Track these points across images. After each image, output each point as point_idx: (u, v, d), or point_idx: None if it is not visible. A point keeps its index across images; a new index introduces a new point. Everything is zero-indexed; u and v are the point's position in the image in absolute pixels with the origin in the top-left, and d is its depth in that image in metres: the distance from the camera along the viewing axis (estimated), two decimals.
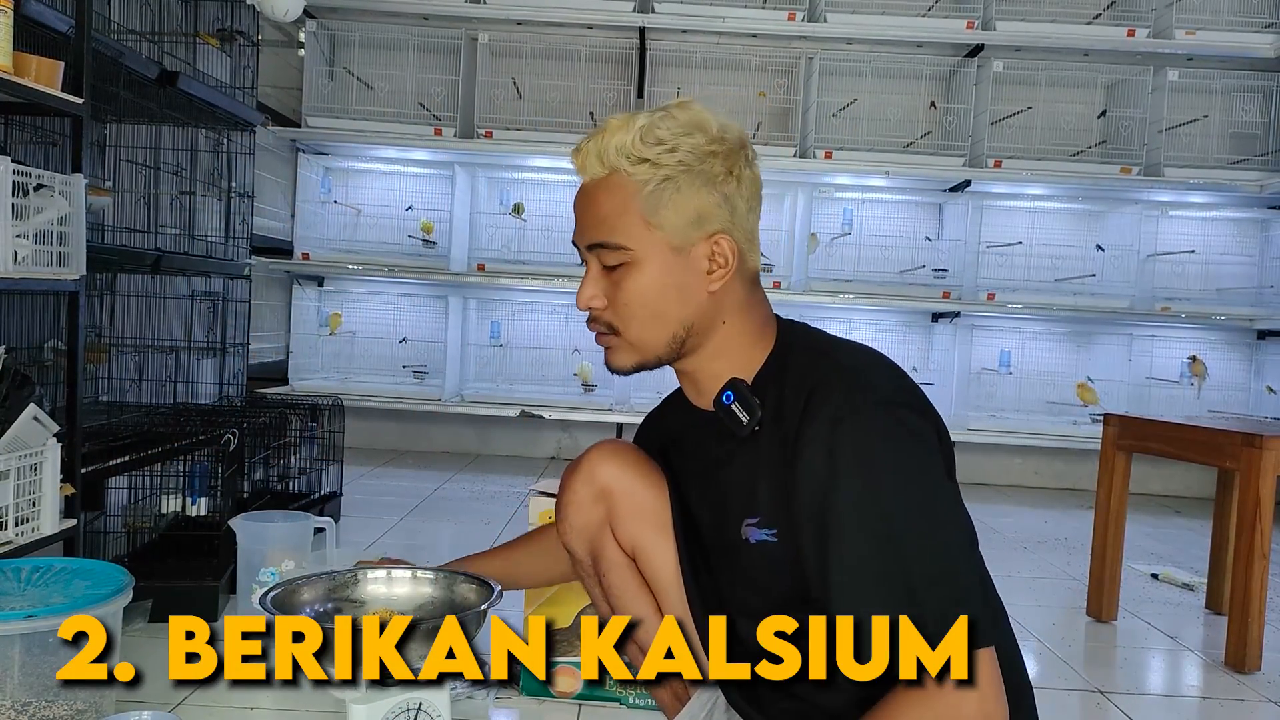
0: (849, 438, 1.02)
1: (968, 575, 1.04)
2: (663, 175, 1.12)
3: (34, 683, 1.42)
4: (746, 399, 1.14)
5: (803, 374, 1.11)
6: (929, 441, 1.07)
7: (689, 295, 1.15)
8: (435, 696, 1.40)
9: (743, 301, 1.18)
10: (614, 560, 1.34)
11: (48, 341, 2.40)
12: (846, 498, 1.02)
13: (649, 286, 1.14)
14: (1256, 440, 2.07)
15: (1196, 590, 2.77)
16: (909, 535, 1.00)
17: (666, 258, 1.14)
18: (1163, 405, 4.35)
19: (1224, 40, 4.08)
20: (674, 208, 1.12)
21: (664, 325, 1.16)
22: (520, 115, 4.37)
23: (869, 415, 1.03)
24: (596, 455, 1.37)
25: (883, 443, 1.02)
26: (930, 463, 1.06)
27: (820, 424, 1.04)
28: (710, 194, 1.13)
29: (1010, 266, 4.40)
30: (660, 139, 1.12)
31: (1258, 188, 4.10)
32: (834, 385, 1.06)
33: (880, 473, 1.01)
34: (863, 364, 1.12)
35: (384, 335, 4.51)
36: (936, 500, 1.04)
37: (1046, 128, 4.34)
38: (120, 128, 2.69)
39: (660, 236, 1.13)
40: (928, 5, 4.20)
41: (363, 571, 1.56)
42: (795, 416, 1.08)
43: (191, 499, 2.40)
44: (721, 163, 1.13)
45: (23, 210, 1.74)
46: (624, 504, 1.32)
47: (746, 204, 1.16)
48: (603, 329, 1.21)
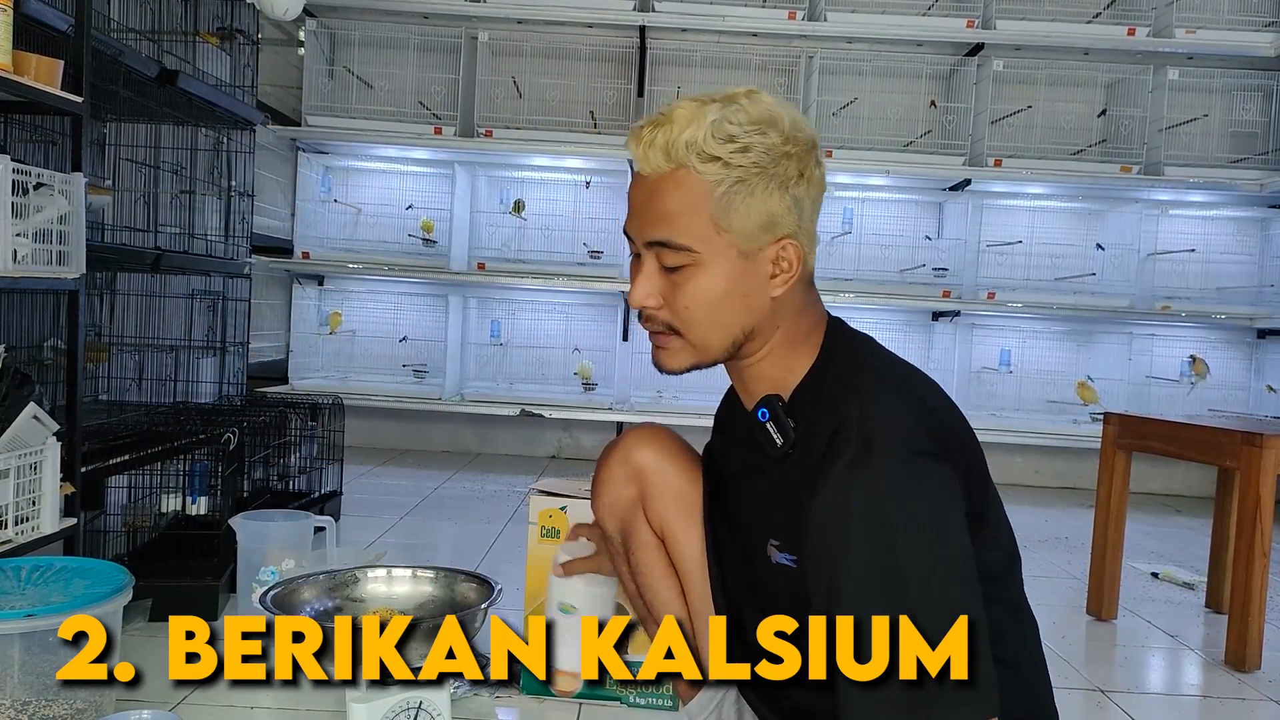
0: (861, 490, 0.98)
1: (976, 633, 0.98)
2: (736, 177, 1.06)
3: (34, 682, 1.42)
4: (781, 421, 1.12)
5: (830, 408, 1.08)
6: (945, 492, 1.02)
7: (752, 301, 1.11)
8: (435, 695, 1.40)
9: (799, 305, 1.15)
10: (644, 540, 1.36)
11: (47, 340, 2.40)
12: (856, 558, 0.97)
13: (713, 291, 1.10)
14: (1257, 439, 2.07)
15: (1197, 589, 2.77)
16: (916, 597, 0.96)
17: (733, 263, 1.09)
18: (1163, 404, 4.35)
19: (1224, 39, 4.08)
20: (745, 211, 1.07)
21: (726, 330, 1.12)
22: (520, 114, 4.36)
23: (886, 467, 0.99)
24: (634, 437, 1.37)
25: (900, 499, 0.98)
26: (946, 517, 1.01)
27: (839, 471, 1.00)
28: (782, 198, 1.08)
29: (1010, 265, 4.40)
30: (732, 136, 1.06)
31: (1258, 186, 4.09)
32: (854, 426, 1.02)
33: (890, 531, 0.97)
34: (887, 406, 1.06)
35: (384, 334, 4.51)
36: (948, 560, 0.99)
37: (1046, 127, 4.33)
38: (120, 126, 2.69)
39: (729, 240, 1.08)
40: (928, 4, 4.20)
41: (362, 570, 1.56)
42: (818, 454, 1.05)
43: (191, 498, 2.39)
44: (795, 164, 1.09)
45: (22, 209, 1.74)
46: (657, 486, 1.33)
47: (813, 205, 1.12)
48: (660, 329, 1.15)
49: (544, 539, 1.73)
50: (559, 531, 1.73)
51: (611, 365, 4.36)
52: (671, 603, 1.35)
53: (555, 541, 1.73)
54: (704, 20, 4.14)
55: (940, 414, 1.09)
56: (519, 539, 2.84)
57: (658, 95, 4.31)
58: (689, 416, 3.99)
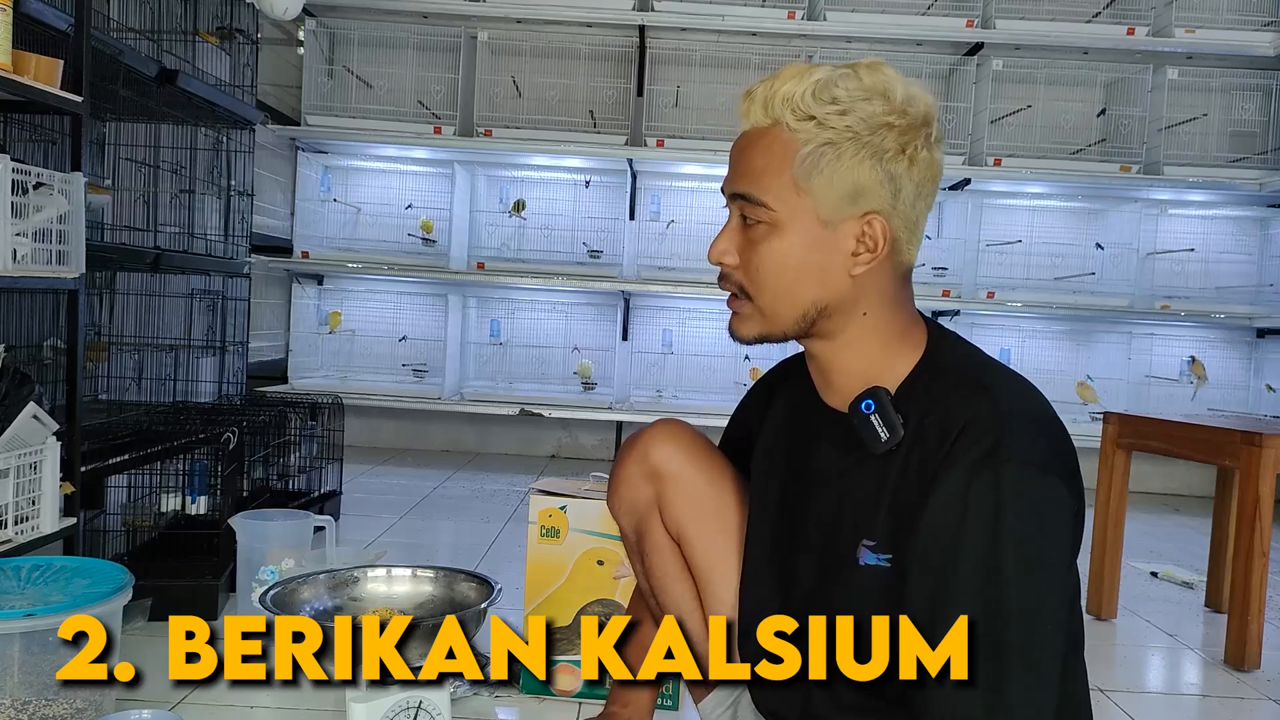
0: (989, 495, 0.95)
1: (1050, 668, 0.98)
2: (826, 138, 1.02)
3: (33, 681, 1.42)
4: (888, 414, 1.05)
5: (955, 403, 1.01)
6: (1066, 515, 0.98)
7: (828, 276, 1.05)
8: (435, 695, 1.40)
9: (890, 296, 1.08)
10: (658, 543, 1.32)
11: (47, 340, 2.40)
12: (967, 559, 0.96)
13: (787, 256, 1.05)
14: (1256, 438, 2.08)
15: (1196, 588, 2.77)
16: (1016, 611, 0.95)
17: (811, 229, 1.04)
18: (1162, 403, 4.35)
19: (1223, 38, 4.08)
20: (830, 176, 1.02)
21: (795, 302, 1.07)
22: (520, 113, 4.36)
23: (1015, 474, 0.95)
24: (652, 435, 1.32)
25: (1020, 509, 0.95)
26: (1061, 544, 0.98)
27: (962, 469, 0.96)
28: (874, 169, 1.02)
29: (1010, 265, 4.40)
30: (835, 98, 1.01)
31: (1257, 186, 4.10)
32: (986, 429, 0.97)
33: (1009, 543, 0.94)
34: (1022, 411, 1.01)
35: (383, 333, 4.51)
36: (1053, 588, 0.98)
37: (1046, 126, 4.34)
38: (120, 126, 2.69)
39: (809, 205, 1.03)
40: (927, 3, 4.20)
41: (362, 570, 1.56)
42: (937, 449, 0.99)
43: (191, 497, 2.39)
44: (896, 137, 1.02)
45: (22, 208, 1.74)
46: (674, 489, 1.29)
47: (915, 189, 1.05)
48: (734, 289, 1.11)
49: (544, 538, 1.73)
50: (559, 531, 1.73)
51: (611, 365, 4.36)
52: (685, 605, 1.33)
53: (555, 541, 1.73)
54: (703, 20, 4.13)
55: (1064, 434, 1.03)
56: (519, 538, 2.85)
57: (657, 95, 4.31)
58: (689, 416, 3.96)
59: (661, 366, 4.46)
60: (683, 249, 4.32)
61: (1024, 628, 0.94)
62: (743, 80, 4.37)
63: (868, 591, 1.06)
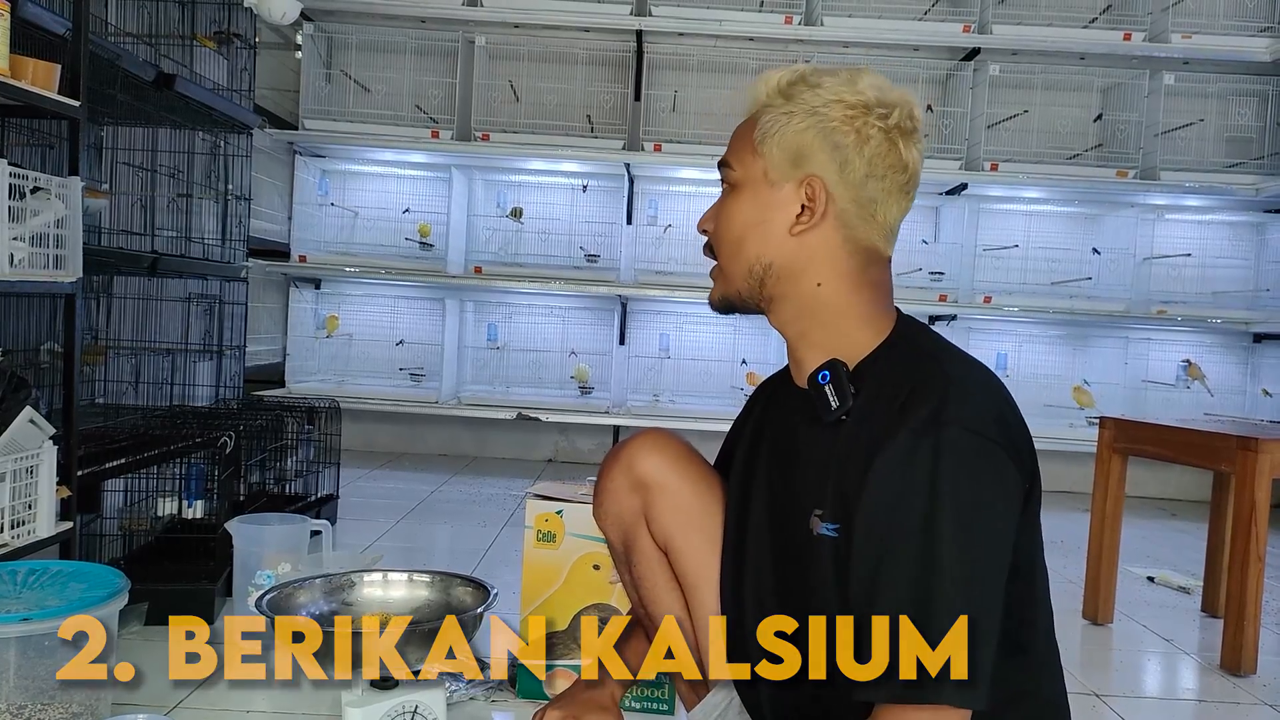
0: (929, 456, 0.97)
1: (984, 629, 0.98)
2: (785, 109, 1.11)
3: (29, 685, 1.42)
4: (842, 384, 1.09)
5: (905, 372, 1.06)
6: (1007, 486, 1.00)
7: (770, 231, 1.12)
8: (431, 698, 1.40)
9: (846, 272, 1.12)
10: (646, 552, 1.33)
11: (44, 344, 2.40)
12: (907, 519, 0.97)
13: (737, 212, 1.15)
14: (1252, 443, 2.08)
15: (1192, 593, 2.77)
16: (949, 570, 0.96)
17: (759, 187, 1.13)
18: (1159, 408, 4.35)
19: (1220, 44, 4.09)
20: (779, 139, 1.11)
21: (742, 257, 1.15)
22: (517, 118, 4.36)
23: (957, 438, 0.98)
24: (637, 445, 1.33)
25: (959, 472, 0.97)
26: (995, 508, 1.00)
27: (905, 433, 0.99)
28: (818, 136, 1.09)
29: (1007, 269, 4.40)
30: (806, 80, 1.11)
31: (1253, 191, 4.10)
32: (931, 394, 1.00)
33: (947, 503, 0.96)
34: (970, 382, 1.04)
35: (381, 337, 4.51)
36: (990, 553, 0.99)
37: (1043, 131, 4.35)
38: (117, 130, 2.69)
39: (760, 166, 1.12)
40: (924, 9, 4.21)
41: (359, 574, 1.56)
42: (884, 416, 1.03)
43: (188, 501, 2.39)
44: (843, 110, 1.09)
45: (19, 213, 1.74)
46: (660, 498, 1.30)
47: (867, 166, 1.09)
48: (710, 254, 1.21)
49: (540, 543, 1.73)
50: (555, 535, 1.73)
51: (608, 368, 4.36)
52: (674, 614, 1.34)
53: (551, 546, 1.73)
54: (701, 25, 4.14)
55: (1016, 415, 1.06)
56: (515, 543, 2.84)
57: (654, 99, 4.31)
58: (686, 420, 4.00)
59: (659, 371, 4.47)
60: (680, 253, 4.32)
61: (959, 586, 0.96)
62: (740, 85, 4.37)
63: (824, 564, 1.08)
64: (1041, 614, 1.12)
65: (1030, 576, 1.08)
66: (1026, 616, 1.07)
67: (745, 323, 4.47)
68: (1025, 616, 1.07)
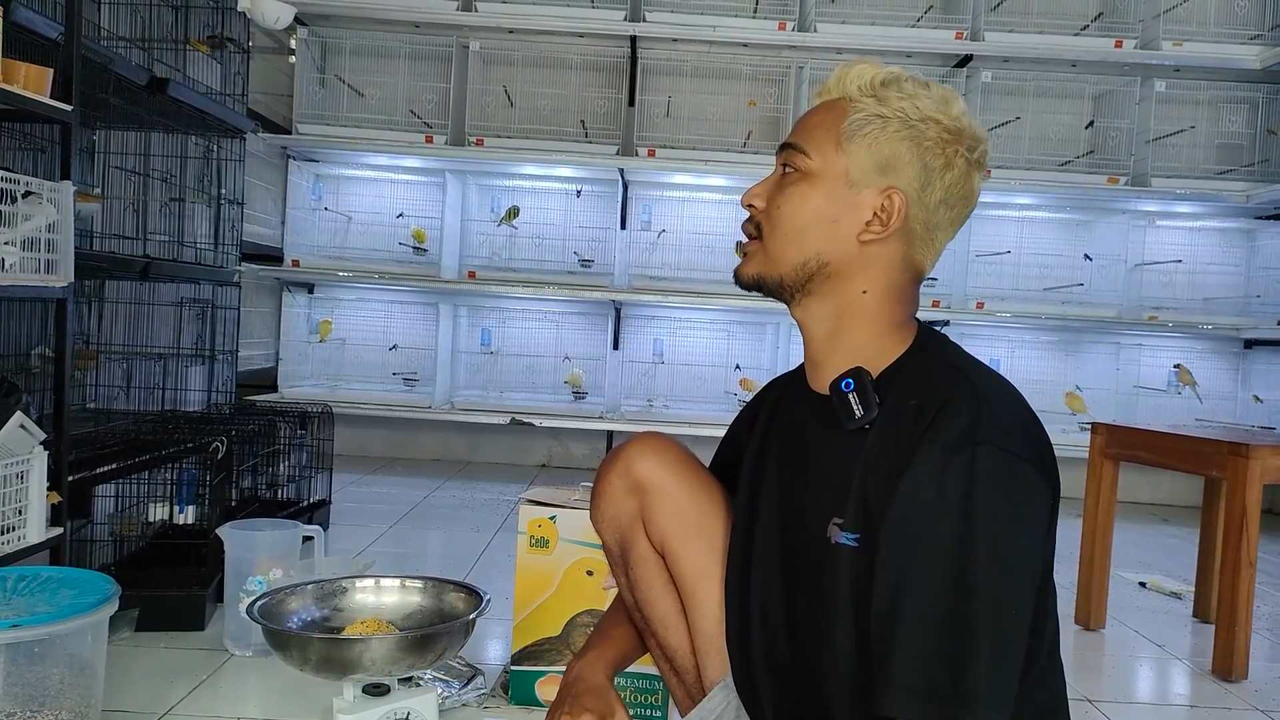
0: (962, 474, 0.96)
1: (1015, 652, 0.98)
2: (878, 111, 1.09)
3: (18, 692, 1.41)
4: (867, 392, 1.08)
5: (932, 385, 1.05)
6: (1039, 505, 1.00)
7: (838, 231, 1.11)
8: (423, 704, 1.40)
9: (892, 287, 1.12)
10: (643, 555, 1.33)
11: (35, 348, 2.39)
12: (939, 535, 0.97)
13: (806, 200, 1.12)
14: (1243, 449, 2.09)
15: (1184, 598, 2.78)
16: (984, 590, 0.95)
17: (837, 185, 1.10)
18: (1150, 414, 4.37)
19: (1211, 52, 4.11)
20: (870, 143, 1.09)
21: (801, 247, 1.12)
22: (511, 123, 4.37)
23: (989, 456, 0.97)
24: (635, 448, 1.33)
25: (993, 491, 0.96)
26: (1032, 527, 0.99)
27: (937, 448, 0.98)
28: (911, 150, 1.09)
29: (999, 275, 4.42)
30: (900, 86, 1.10)
31: (1244, 198, 4.12)
32: (963, 411, 0.99)
33: (980, 521, 0.95)
34: (1000, 399, 1.03)
35: (374, 342, 4.50)
36: (1022, 573, 0.98)
37: (1035, 138, 4.36)
38: (110, 134, 2.69)
39: (843, 163, 1.10)
40: (917, 16, 4.22)
41: (351, 580, 1.56)
42: (913, 428, 1.02)
43: (179, 507, 2.39)
44: (939, 133, 1.09)
45: (11, 217, 1.74)
46: (658, 501, 1.30)
47: (944, 193, 1.10)
48: (751, 230, 1.18)
49: (533, 548, 1.73)
50: (548, 541, 1.73)
51: (602, 374, 4.36)
52: (670, 617, 1.34)
53: (544, 551, 1.73)
54: (694, 30, 4.15)
55: (1041, 431, 1.06)
56: (508, 548, 2.84)
57: (649, 105, 4.32)
58: (680, 425, 3.99)
59: (652, 376, 4.47)
60: (674, 258, 4.33)
61: (991, 607, 0.95)
62: (734, 90, 4.39)
63: (839, 573, 1.07)
64: (1050, 626, 1.11)
65: (1045, 589, 1.08)
66: (1036, 628, 1.06)
67: (739, 328, 4.48)
68: (1035, 628, 1.06)
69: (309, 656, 1.34)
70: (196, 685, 1.76)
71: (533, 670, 1.75)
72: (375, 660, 1.33)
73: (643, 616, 1.37)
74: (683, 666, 1.37)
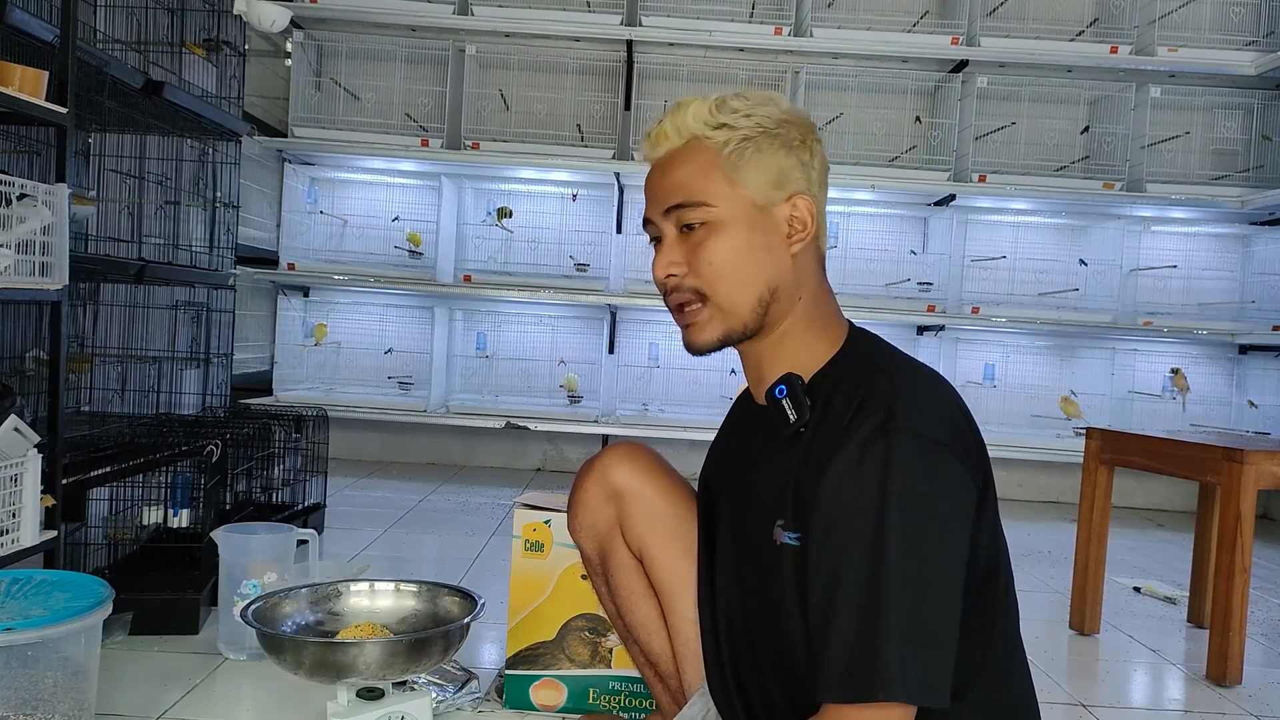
0: (878, 463, 0.99)
1: (938, 634, 0.99)
2: (741, 136, 1.12)
3: (12, 696, 1.41)
4: (799, 397, 1.11)
5: (857, 384, 1.07)
6: (958, 489, 1.02)
7: (774, 255, 1.13)
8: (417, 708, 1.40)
9: (816, 283, 1.17)
10: (622, 561, 1.36)
11: (29, 351, 2.39)
12: (856, 527, 0.99)
13: (735, 244, 1.12)
14: (1238, 454, 2.09)
15: (1178, 603, 2.78)
16: (897, 577, 0.97)
17: (751, 215, 1.12)
18: (1145, 419, 4.38)
19: (1206, 57, 4.13)
20: (755, 166, 1.12)
21: (751, 286, 1.13)
22: (507, 127, 4.37)
23: (903, 445, 0.99)
24: (611, 456, 1.36)
25: (907, 479, 0.98)
26: (950, 513, 1.01)
27: (855, 442, 1.01)
28: (789, 156, 1.13)
29: (994, 280, 4.42)
30: (735, 108, 1.14)
31: (1239, 203, 4.14)
32: (881, 404, 1.02)
33: (894, 510, 0.98)
34: (919, 390, 1.06)
35: (369, 346, 4.50)
36: (940, 558, 0.99)
37: (1030, 143, 4.37)
38: (105, 137, 2.68)
39: (744, 195, 1.12)
40: (913, 21, 4.24)
41: (345, 584, 1.55)
42: (838, 427, 1.04)
43: (174, 510, 2.38)
44: (796, 130, 1.14)
45: (5, 220, 1.73)
46: (634, 507, 1.32)
47: (820, 177, 1.17)
48: (687, 297, 1.15)
49: (528, 553, 1.73)
50: (543, 545, 1.73)
51: (597, 378, 4.36)
52: (651, 623, 1.35)
53: (539, 555, 1.73)
54: (691, 35, 4.15)
55: (966, 419, 1.09)
56: (503, 552, 2.84)
57: (645, 109, 4.32)
58: (674, 429, 3.99)
59: (647, 380, 4.47)
60: None
61: (906, 589, 0.96)
62: None
63: (787, 573, 1.09)
64: (1005, 618, 1.12)
65: (993, 580, 1.09)
66: (988, 619, 1.07)
67: None
68: (987, 619, 1.07)
69: (303, 661, 1.33)
70: (190, 689, 1.75)
71: (527, 674, 1.74)
72: (370, 664, 1.33)
73: (624, 624, 1.38)
74: (666, 671, 1.38)
